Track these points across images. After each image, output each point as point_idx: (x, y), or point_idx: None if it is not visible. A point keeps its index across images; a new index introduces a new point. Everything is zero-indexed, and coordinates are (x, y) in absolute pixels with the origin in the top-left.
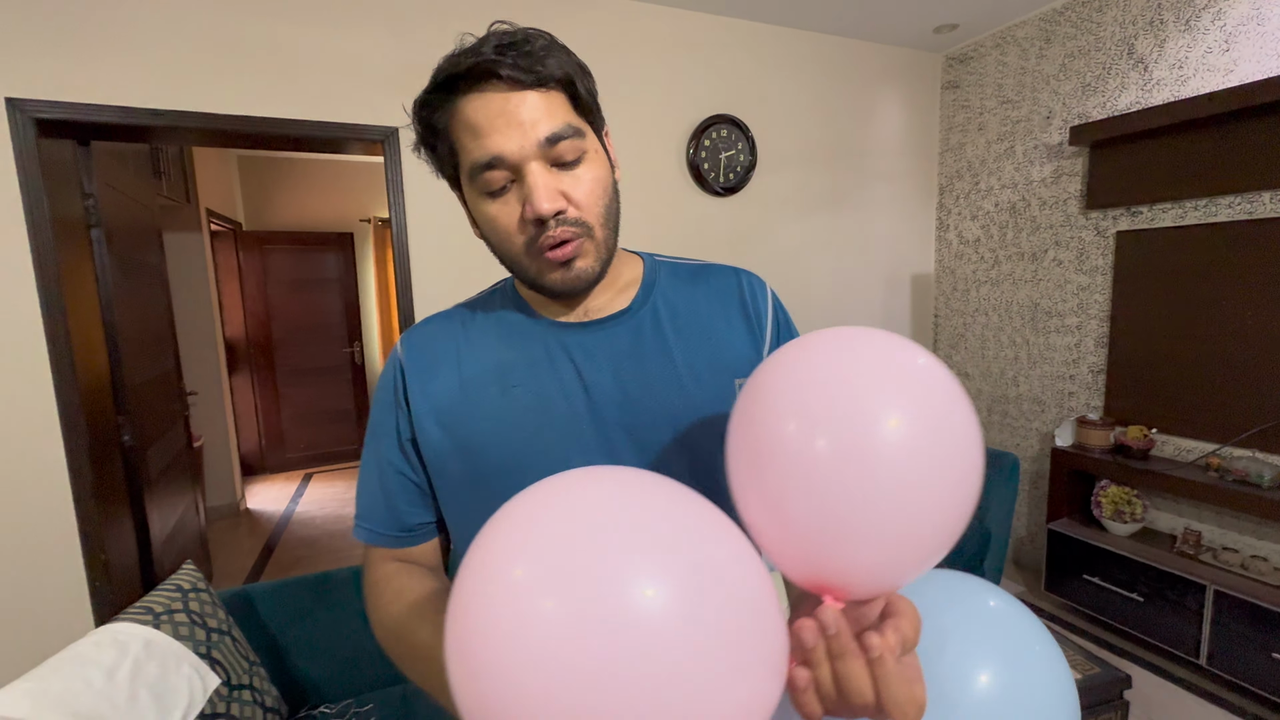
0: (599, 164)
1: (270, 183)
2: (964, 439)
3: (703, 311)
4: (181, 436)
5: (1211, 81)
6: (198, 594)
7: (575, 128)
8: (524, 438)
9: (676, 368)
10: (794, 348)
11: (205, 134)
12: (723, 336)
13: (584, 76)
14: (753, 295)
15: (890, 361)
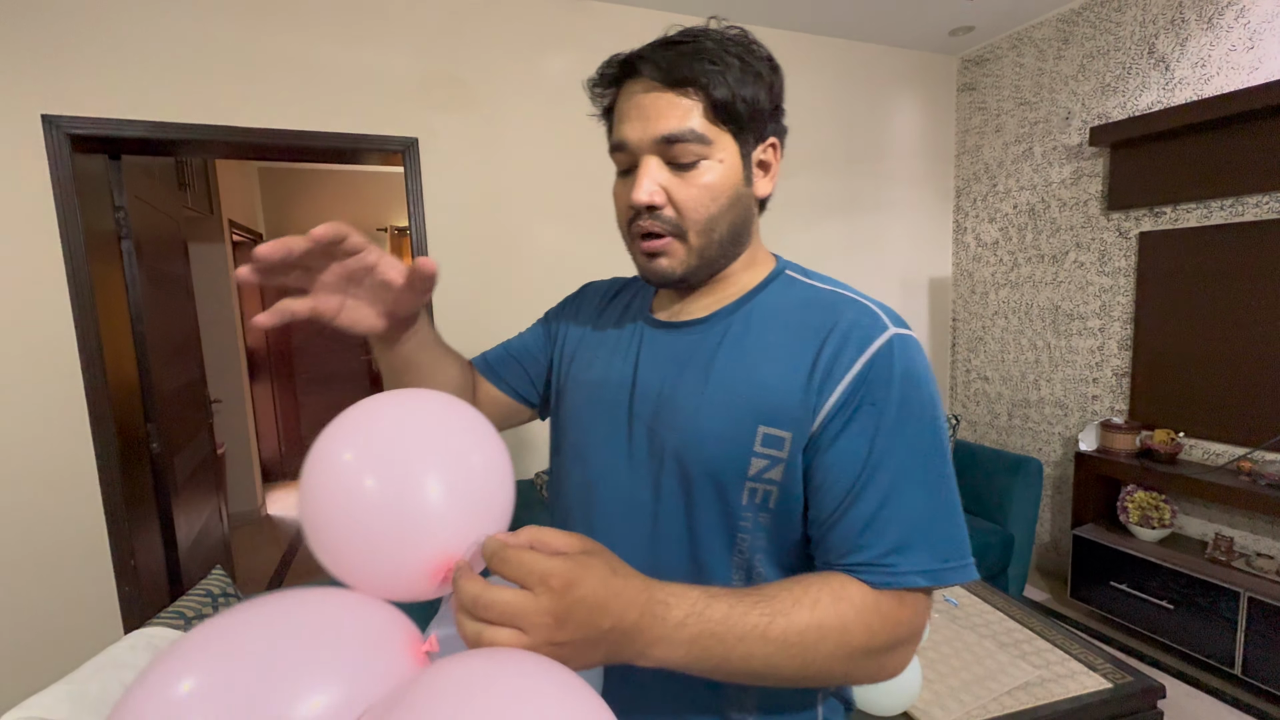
0: (719, 174)
1: (290, 193)
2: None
3: (767, 345)
4: (206, 443)
5: (1236, 80)
6: (227, 599)
7: (699, 134)
8: (581, 402)
9: (707, 389)
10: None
11: (231, 147)
12: (767, 378)
13: (743, 86)
14: (838, 350)
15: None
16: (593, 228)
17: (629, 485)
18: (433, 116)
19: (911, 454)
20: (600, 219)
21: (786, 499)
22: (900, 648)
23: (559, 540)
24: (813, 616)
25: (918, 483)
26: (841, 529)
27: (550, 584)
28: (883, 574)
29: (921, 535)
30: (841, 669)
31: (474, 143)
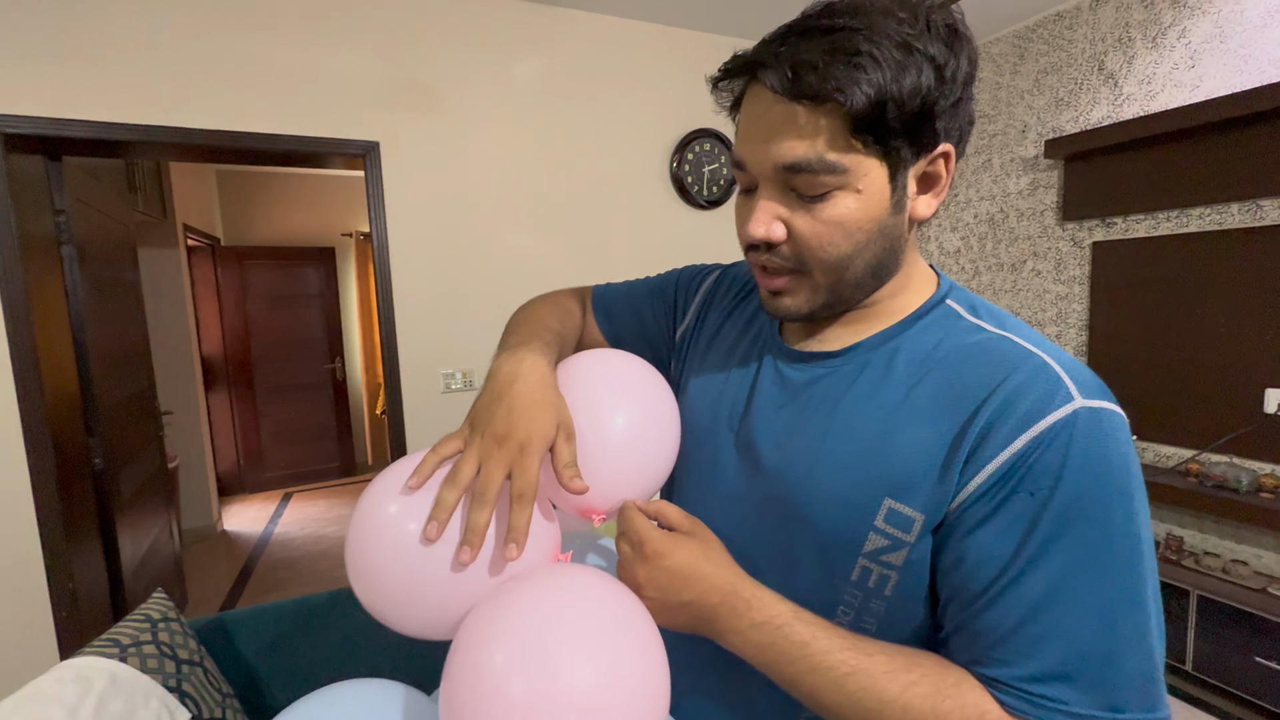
0: (856, 206)
1: (249, 197)
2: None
3: (909, 399)
4: (156, 457)
5: (1179, 97)
6: (168, 624)
7: (829, 163)
8: (699, 416)
9: (828, 441)
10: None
11: (182, 149)
12: (902, 442)
13: (900, 84)
14: (996, 417)
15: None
16: (561, 235)
17: (727, 521)
18: (395, 120)
19: (1085, 562)
20: (569, 226)
21: (905, 590)
22: None
23: (674, 516)
24: (900, 696)
25: (1088, 599)
26: (973, 634)
27: (644, 549)
28: (1021, 699)
29: (1086, 667)
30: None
31: (438, 147)
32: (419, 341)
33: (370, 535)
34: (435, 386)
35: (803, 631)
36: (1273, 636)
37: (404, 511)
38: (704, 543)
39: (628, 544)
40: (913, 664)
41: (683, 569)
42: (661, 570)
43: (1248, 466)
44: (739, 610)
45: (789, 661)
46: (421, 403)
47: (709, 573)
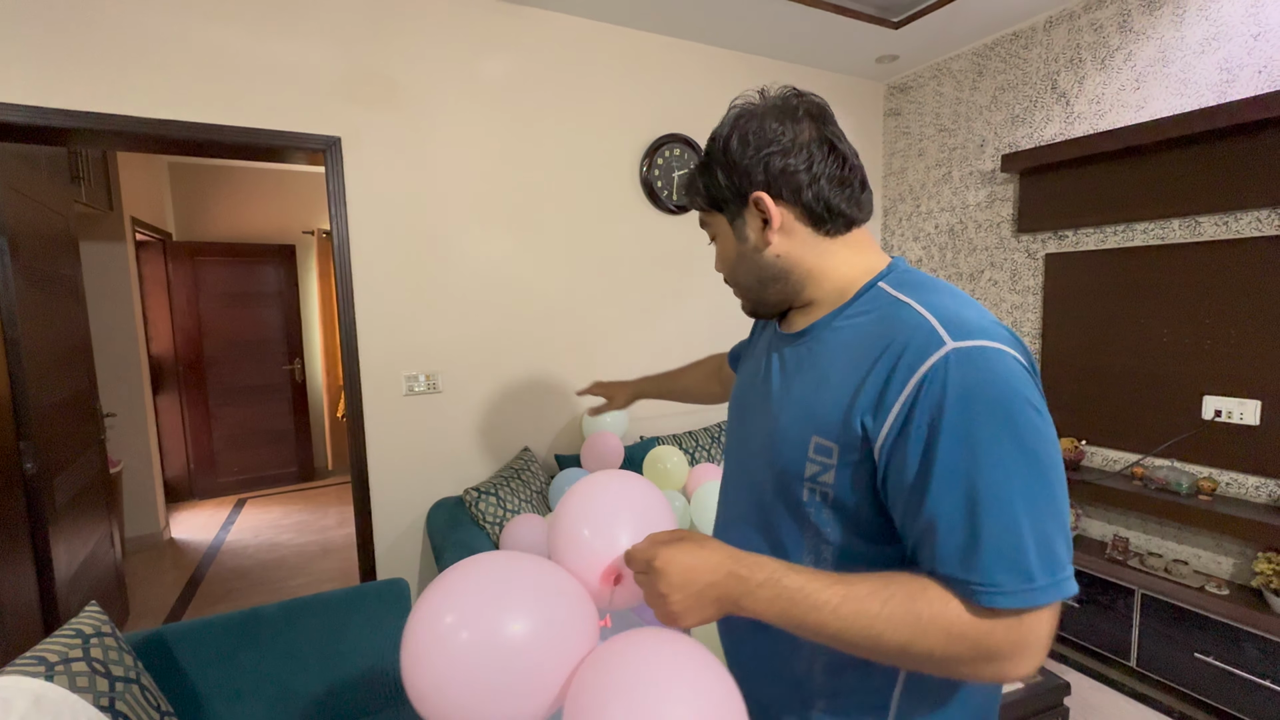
0: (722, 240)
1: (204, 191)
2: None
3: (836, 358)
4: (96, 462)
5: (1125, 117)
6: (101, 638)
7: (704, 220)
8: (739, 388)
9: (788, 398)
10: None
11: (128, 139)
12: (827, 391)
13: (707, 179)
14: (889, 372)
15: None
16: (529, 237)
17: (738, 481)
18: (357, 115)
19: (978, 469)
20: (537, 228)
21: (840, 501)
22: (1000, 660)
23: (660, 537)
24: (883, 609)
25: (989, 499)
26: (919, 543)
27: (654, 566)
28: (963, 589)
29: (998, 555)
30: (923, 661)
31: (403, 145)
32: (381, 343)
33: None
34: (397, 389)
35: (795, 579)
36: (1211, 633)
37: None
38: (694, 539)
39: (641, 573)
40: (888, 582)
41: (686, 564)
42: (673, 573)
43: (1188, 470)
44: (743, 577)
45: (793, 606)
46: (383, 406)
47: (707, 557)
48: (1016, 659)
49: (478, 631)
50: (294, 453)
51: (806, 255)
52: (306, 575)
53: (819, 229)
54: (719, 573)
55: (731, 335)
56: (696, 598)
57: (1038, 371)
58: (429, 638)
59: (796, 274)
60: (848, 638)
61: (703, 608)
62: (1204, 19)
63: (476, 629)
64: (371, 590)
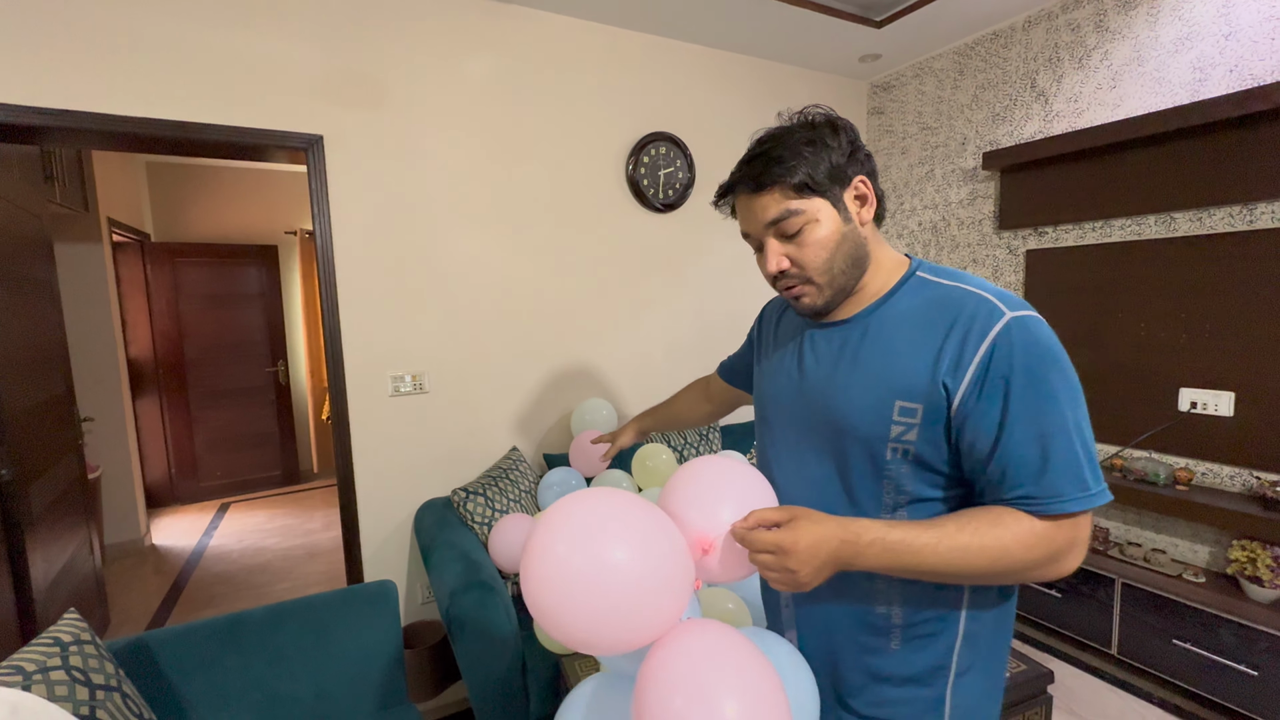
0: (820, 228)
1: (184, 191)
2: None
3: (904, 334)
4: (74, 467)
5: (1102, 115)
6: (80, 646)
7: (790, 210)
8: (766, 387)
9: (855, 373)
10: None
11: (104, 137)
12: (903, 360)
13: (813, 165)
14: (962, 340)
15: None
16: (515, 236)
17: (800, 455)
18: (340, 113)
19: (1044, 409)
20: (523, 226)
21: (920, 455)
22: (1062, 557)
23: (772, 515)
24: (972, 538)
25: (1054, 431)
26: (997, 473)
27: (783, 547)
28: (1035, 505)
29: (1064, 472)
30: (1008, 572)
31: (385, 143)
32: (366, 343)
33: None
34: (383, 390)
35: (896, 533)
36: (1188, 620)
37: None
38: (806, 517)
39: (768, 555)
40: (971, 517)
41: (810, 543)
42: (801, 554)
43: (1165, 461)
44: (853, 542)
45: (900, 556)
46: (368, 407)
47: (824, 533)
48: (1073, 554)
49: (589, 558)
50: (278, 456)
51: (872, 240)
52: (292, 579)
53: (877, 220)
54: (835, 543)
55: (717, 334)
56: (820, 567)
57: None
58: (548, 560)
59: (869, 257)
60: (945, 569)
61: (823, 573)
62: (1177, 19)
63: (588, 555)
64: (358, 592)
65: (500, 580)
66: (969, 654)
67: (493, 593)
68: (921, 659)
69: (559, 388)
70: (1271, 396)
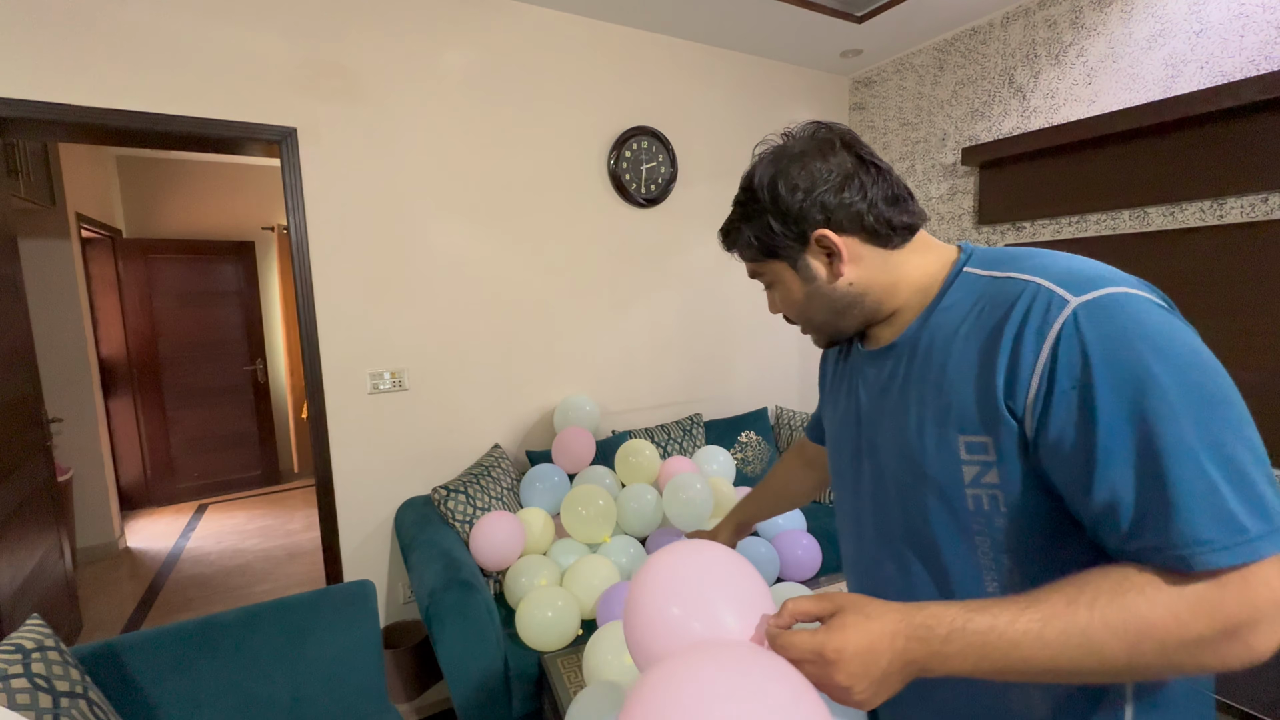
0: (784, 288)
1: (156, 186)
2: None
3: (950, 355)
4: (42, 470)
5: (1078, 111)
6: (44, 653)
7: (756, 270)
8: (831, 430)
9: (908, 408)
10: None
11: (69, 128)
12: (954, 385)
13: (756, 229)
14: (1016, 343)
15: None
16: (495, 230)
17: (869, 514)
18: (314, 105)
19: (1151, 420)
20: (503, 221)
21: (1013, 499)
22: (1246, 632)
23: (810, 607)
24: (1093, 616)
25: (1170, 448)
26: (1099, 524)
27: (826, 656)
28: (1171, 560)
29: (1197, 507)
30: (1158, 664)
31: (362, 136)
32: (343, 341)
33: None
34: (362, 387)
35: (982, 619)
36: None
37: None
38: (854, 609)
39: (808, 664)
40: (1084, 584)
41: (863, 646)
42: (851, 662)
43: None
44: (923, 637)
45: (991, 650)
46: (347, 405)
47: (880, 629)
48: (1261, 626)
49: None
50: (257, 456)
51: (878, 274)
52: (272, 581)
53: (886, 246)
54: (898, 641)
55: (701, 329)
56: (881, 680)
57: (1177, 311)
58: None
59: (873, 294)
60: (1063, 665)
61: (888, 686)
62: (1150, 15)
63: (704, 622)
64: (336, 593)
65: (482, 578)
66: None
67: (474, 591)
68: None
69: (541, 384)
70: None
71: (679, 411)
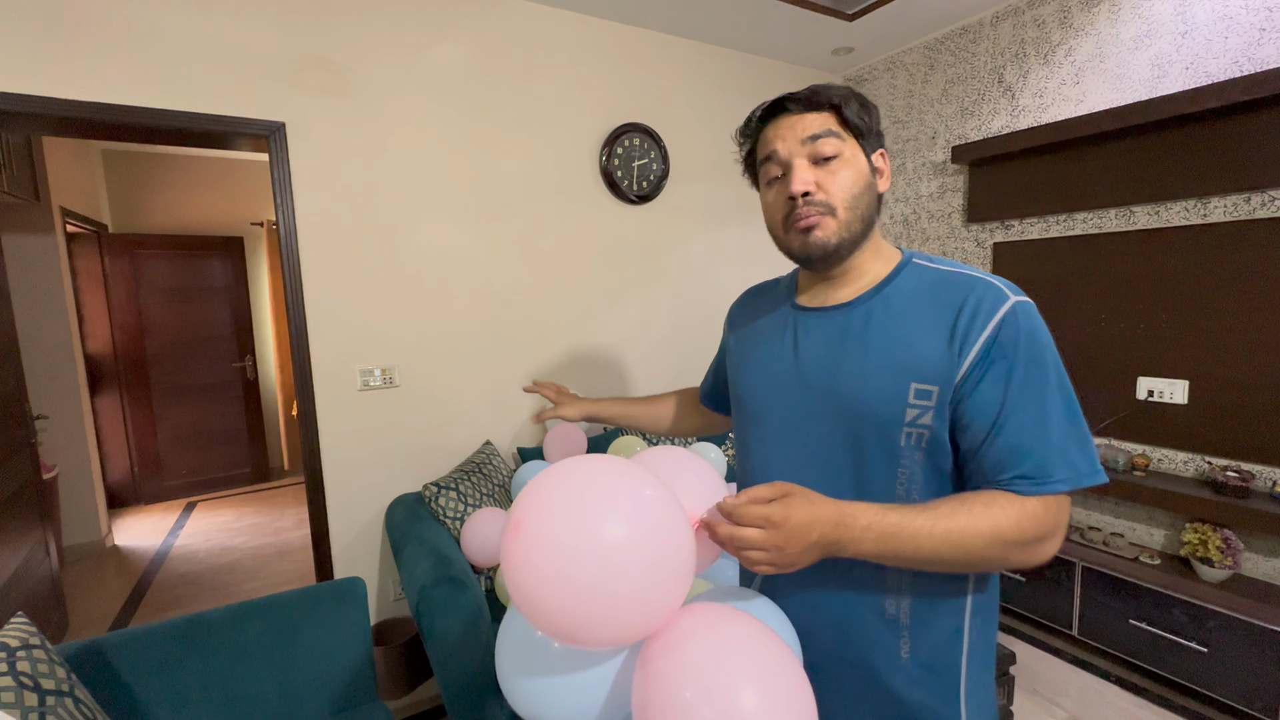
0: (854, 165)
1: (143, 181)
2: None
3: (911, 317)
4: (26, 468)
5: (1066, 110)
6: (29, 651)
7: (835, 132)
8: (757, 385)
9: (866, 359)
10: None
11: (53, 122)
12: (915, 343)
13: (861, 109)
14: (971, 318)
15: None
16: (486, 226)
17: (803, 442)
18: (302, 100)
19: (1042, 392)
20: (495, 217)
21: (936, 438)
22: (1049, 539)
23: (766, 491)
24: (968, 520)
25: (1050, 414)
26: (992, 454)
27: (772, 521)
28: (1029, 485)
29: (1058, 453)
30: (997, 555)
31: (351, 131)
32: (333, 337)
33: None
34: (352, 384)
35: (893, 516)
36: (1144, 601)
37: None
38: (800, 494)
39: (756, 529)
40: (963, 500)
41: (802, 520)
42: (791, 529)
43: (1124, 448)
44: (849, 524)
45: (895, 540)
46: (337, 402)
47: (817, 513)
48: (1056, 538)
49: (583, 536)
50: (247, 453)
51: (876, 215)
52: (261, 579)
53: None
54: (828, 525)
55: (693, 326)
56: (810, 546)
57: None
58: (533, 539)
59: (870, 224)
60: (942, 554)
61: (811, 555)
62: (1137, 16)
63: (582, 532)
64: (325, 590)
65: (472, 575)
66: (977, 646)
67: (464, 588)
68: (933, 657)
69: (533, 379)
70: (1222, 384)
71: None
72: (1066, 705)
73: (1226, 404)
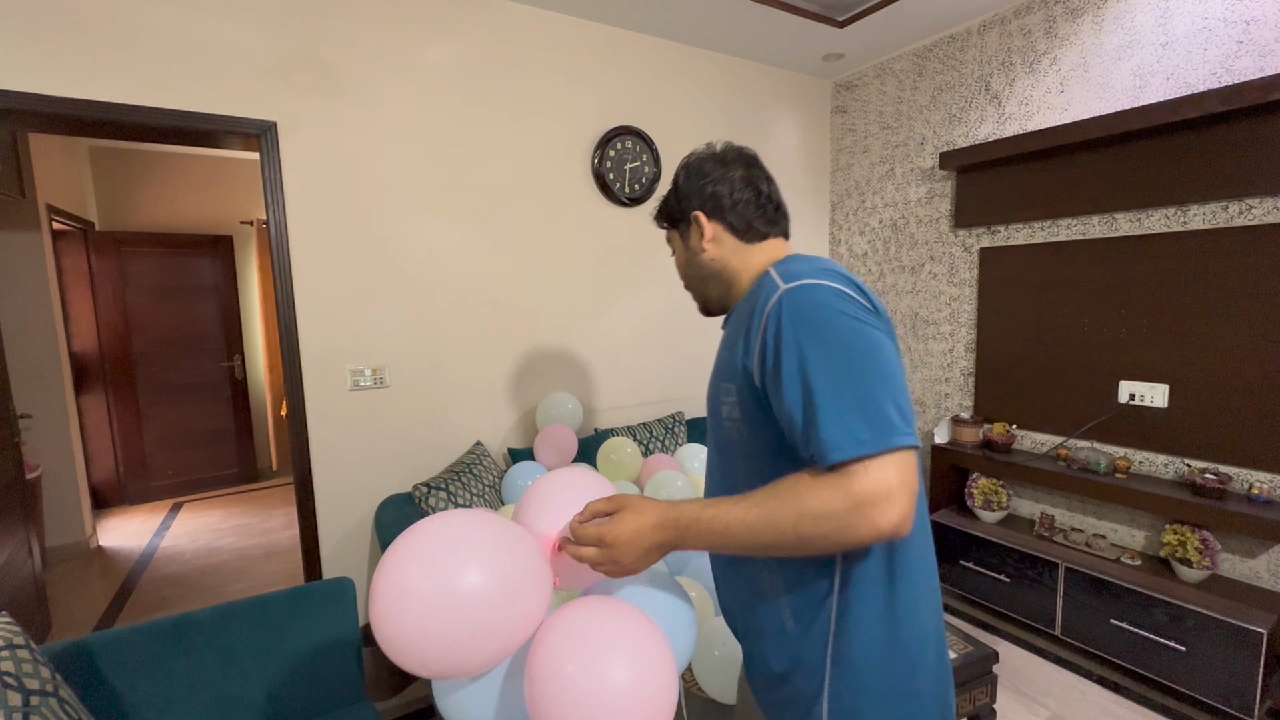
0: (676, 249)
1: (131, 178)
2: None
3: (730, 326)
4: (9, 467)
5: (1050, 118)
6: (13, 651)
7: (667, 237)
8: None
9: (716, 364)
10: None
11: (40, 119)
12: (726, 348)
13: (668, 205)
14: (760, 314)
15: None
16: (478, 227)
17: (709, 449)
18: (294, 99)
19: (807, 369)
20: (486, 218)
21: (742, 429)
22: (868, 510)
23: (604, 505)
24: (776, 503)
25: (818, 389)
26: (793, 436)
27: (605, 540)
28: (819, 459)
29: (836, 425)
30: (817, 532)
31: (343, 131)
32: (323, 337)
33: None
34: (342, 384)
35: (709, 511)
36: (1125, 601)
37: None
38: (629, 507)
39: (594, 548)
40: (777, 484)
41: (632, 533)
42: (624, 545)
43: (1106, 450)
44: (674, 527)
45: (717, 535)
46: (327, 402)
47: (645, 522)
48: (882, 507)
49: (440, 582)
50: (235, 453)
51: (731, 258)
52: (248, 580)
53: (741, 238)
54: (659, 531)
55: (685, 328)
56: (644, 553)
57: (867, 293)
58: (396, 589)
59: (726, 273)
60: (759, 539)
61: (650, 558)
62: (1120, 27)
63: (439, 580)
64: (314, 590)
65: None
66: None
67: None
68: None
69: (523, 381)
70: (1201, 388)
71: (661, 410)
72: (1049, 704)
73: (1205, 407)
